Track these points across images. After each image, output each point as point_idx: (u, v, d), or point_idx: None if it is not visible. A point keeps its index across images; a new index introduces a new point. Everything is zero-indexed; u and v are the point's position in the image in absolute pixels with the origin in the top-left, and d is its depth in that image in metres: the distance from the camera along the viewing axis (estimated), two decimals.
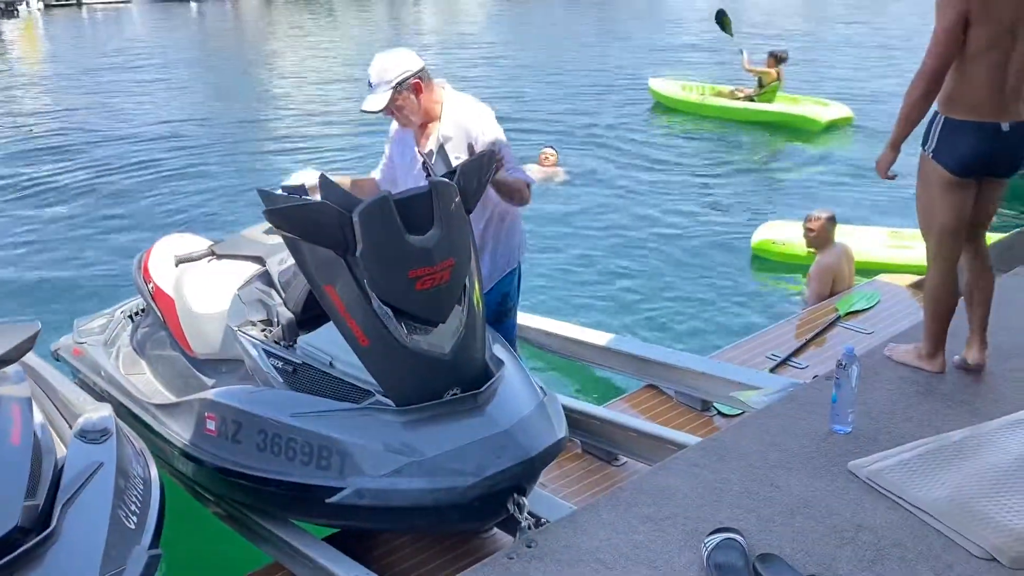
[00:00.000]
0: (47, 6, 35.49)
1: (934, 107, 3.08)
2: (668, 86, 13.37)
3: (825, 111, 11.67)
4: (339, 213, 2.42)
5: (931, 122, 3.11)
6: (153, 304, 3.65)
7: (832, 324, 4.76)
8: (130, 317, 4.16)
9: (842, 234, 5.78)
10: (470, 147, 3.19)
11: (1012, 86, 2.98)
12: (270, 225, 3.09)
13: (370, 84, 3.21)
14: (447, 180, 2.64)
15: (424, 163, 3.11)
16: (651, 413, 4.00)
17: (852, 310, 4.89)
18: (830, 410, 2.95)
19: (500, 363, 2.79)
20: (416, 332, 2.52)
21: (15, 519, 2.08)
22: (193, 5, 36.27)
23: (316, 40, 25.06)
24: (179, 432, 3.03)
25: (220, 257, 3.22)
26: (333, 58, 20.76)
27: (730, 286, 6.70)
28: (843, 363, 2.84)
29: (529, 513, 2.57)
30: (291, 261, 2.92)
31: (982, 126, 2.97)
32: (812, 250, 5.50)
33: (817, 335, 4.64)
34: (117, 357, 3.84)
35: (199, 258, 3.32)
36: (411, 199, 2.55)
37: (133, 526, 2.30)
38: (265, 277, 3.10)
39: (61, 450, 2.56)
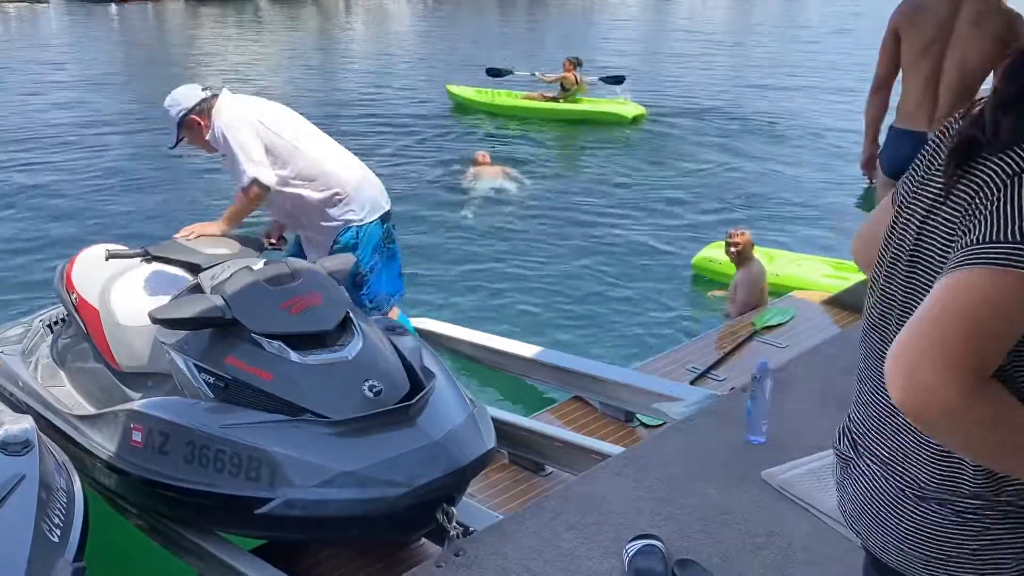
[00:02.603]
0: None
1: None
2: (468, 92, 14.16)
3: (626, 108, 13.12)
4: (206, 297, 2.87)
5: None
6: (76, 315, 3.59)
7: (749, 338, 4.95)
8: (49, 327, 4.07)
9: (788, 262, 6.05)
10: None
11: (944, 98, 3.24)
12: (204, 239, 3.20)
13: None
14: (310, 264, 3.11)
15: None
16: (577, 424, 4.09)
17: (767, 325, 5.09)
18: (746, 421, 3.08)
19: (431, 375, 2.84)
20: (312, 352, 2.73)
21: None
22: (112, 7, 35.34)
23: (241, 46, 24.71)
24: (103, 444, 2.99)
25: (154, 259, 3.21)
26: (257, 65, 20.51)
27: (666, 301, 6.88)
28: (757, 376, 2.99)
29: (457, 522, 2.62)
30: (224, 276, 2.94)
31: (913, 134, 3.24)
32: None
33: (734, 349, 4.82)
34: (36, 368, 3.75)
35: (132, 256, 3.29)
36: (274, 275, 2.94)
37: (57, 539, 2.28)
38: (197, 291, 3.09)
39: None
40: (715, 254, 7.06)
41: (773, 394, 3.04)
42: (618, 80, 13.66)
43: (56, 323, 4.05)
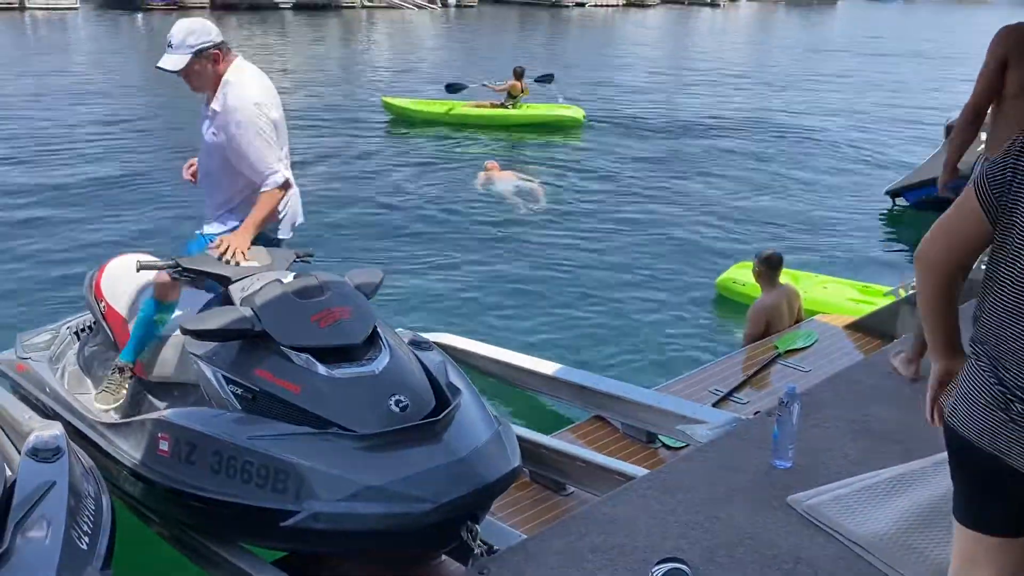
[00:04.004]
0: None
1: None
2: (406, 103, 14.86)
3: (573, 111, 14.47)
4: (236, 309, 2.89)
5: (976, 161, 3.53)
6: (104, 323, 3.62)
7: (772, 361, 4.93)
8: (76, 334, 4.10)
9: (813, 284, 6.03)
10: (225, 128, 3.41)
11: None
12: None
13: (171, 45, 3.42)
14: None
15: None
16: (598, 444, 4.08)
17: (791, 348, 5.07)
18: (772, 445, 3.07)
19: (457, 391, 2.85)
20: (339, 365, 2.73)
21: None
22: (139, 16, 35.75)
23: (264, 55, 24.92)
24: (129, 452, 3.01)
25: (185, 270, 3.22)
26: (284, 73, 20.70)
27: (689, 321, 6.85)
28: (785, 401, 2.97)
29: (481, 540, 2.62)
30: (254, 288, 2.96)
31: None
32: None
33: (757, 372, 4.80)
34: (63, 375, 3.79)
35: (163, 267, 3.30)
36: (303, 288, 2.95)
37: (85, 547, 2.30)
38: (227, 303, 3.11)
39: (10, 468, 2.53)
40: (739, 275, 7.03)
41: (799, 419, 3.02)
42: (548, 78, 14.76)
43: (83, 330, 4.08)
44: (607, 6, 52.73)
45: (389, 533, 2.53)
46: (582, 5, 51.36)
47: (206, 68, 3.45)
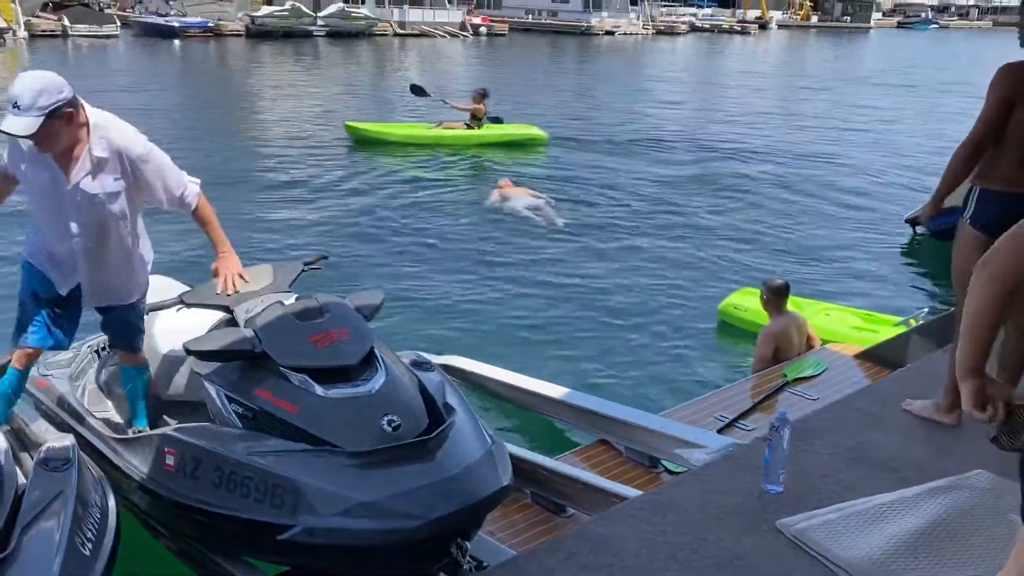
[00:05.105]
0: (32, 36, 35.60)
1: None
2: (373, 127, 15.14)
3: (534, 130, 15.16)
4: (238, 331, 2.99)
5: (968, 194, 3.51)
6: None
7: (780, 389, 4.94)
8: (96, 352, 4.25)
9: (816, 311, 6.03)
10: (130, 167, 3.25)
11: None
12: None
13: (17, 106, 3.01)
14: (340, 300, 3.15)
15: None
16: (601, 467, 4.12)
17: (800, 376, 5.08)
18: (763, 470, 3.10)
19: (452, 410, 2.92)
20: (336, 386, 2.81)
21: None
22: (176, 43, 36.62)
23: (296, 80, 25.43)
24: (138, 466, 3.11)
25: (189, 306, 3.35)
26: (311, 97, 21.13)
27: (691, 347, 6.88)
28: (776, 426, 3.01)
29: (471, 557, 2.68)
30: (256, 310, 3.07)
31: (1010, 195, 3.33)
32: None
33: (765, 399, 4.82)
34: (82, 392, 3.92)
35: (168, 307, 3.43)
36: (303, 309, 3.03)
37: (88, 553, 2.39)
38: (231, 324, 3.22)
39: (23, 477, 2.65)
40: (741, 301, 7.06)
41: (791, 444, 3.06)
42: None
43: (103, 349, 4.22)
44: (636, 34, 53.15)
45: (380, 548, 2.60)
46: (611, 33, 51.80)
47: (60, 129, 3.10)
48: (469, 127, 14.67)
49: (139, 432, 3.57)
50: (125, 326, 3.57)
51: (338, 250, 8.69)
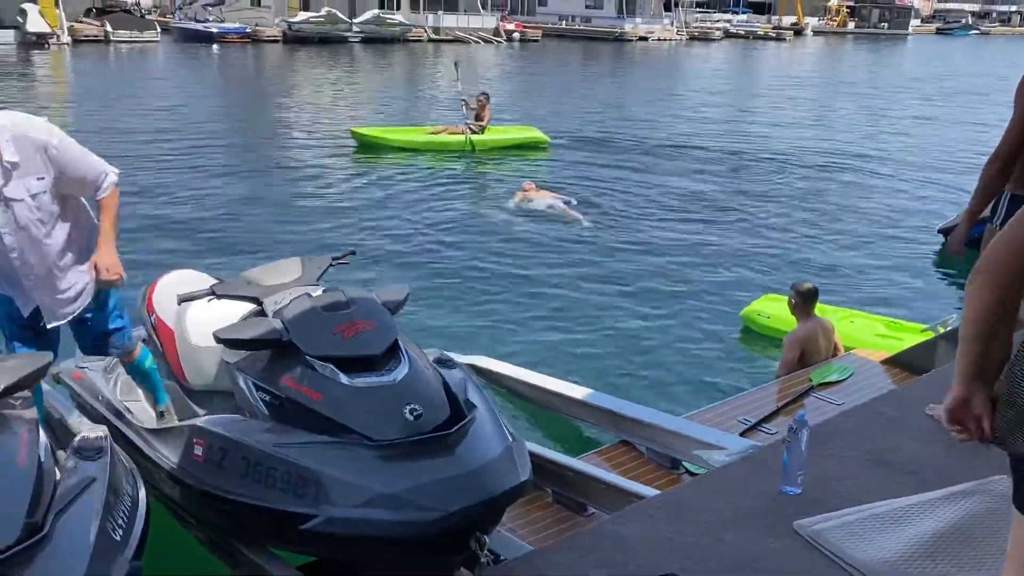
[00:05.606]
0: (75, 41, 36.36)
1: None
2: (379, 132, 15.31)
3: (534, 132, 15.59)
4: (266, 320, 3.07)
5: (998, 200, 3.52)
6: (154, 335, 3.85)
7: (805, 394, 4.93)
8: None
9: (839, 318, 6.04)
10: (50, 161, 3.15)
11: None
12: (269, 266, 3.38)
13: None
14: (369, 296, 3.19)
15: None
16: (622, 468, 4.15)
17: (825, 381, 5.07)
18: (782, 472, 3.11)
19: (473, 407, 2.97)
20: (360, 375, 2.86)
21: (14, 536, 2.24)
22: (215, 47, 37.21)
23: (332, 84, 25.73)
24: (168, 456, 3.20)
25: (220, 297, 3.43)
26: (345, 100, 21.38)
27: (715, 351, 6.87)
28: (794, 428, 3.02)
29: (489, 550, 2.72)
30: (285, 301, 3.15)
31: None
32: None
33: (789, 403, 4.81)
34: (115, 383, 4.03)
35: (200, 297, 3.52)
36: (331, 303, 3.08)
37: (119, 538, 2.46)
38: (260, 315, 3.30)
39: (57, 465, 2.74)
40: (765, 307, 7.04)
41: (809, 446, 3.07)
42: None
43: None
44: (670, 40, 53.00)
45: (400, 539, 2.65)
46: (645, 39, 51.70)
47: None
48: (473, 131, 14.79)
49: (164, 411, 3.71)
50: (100, 337, 3.64)
51: (365, 248, 8.82)
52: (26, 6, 34.56)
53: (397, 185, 12.41)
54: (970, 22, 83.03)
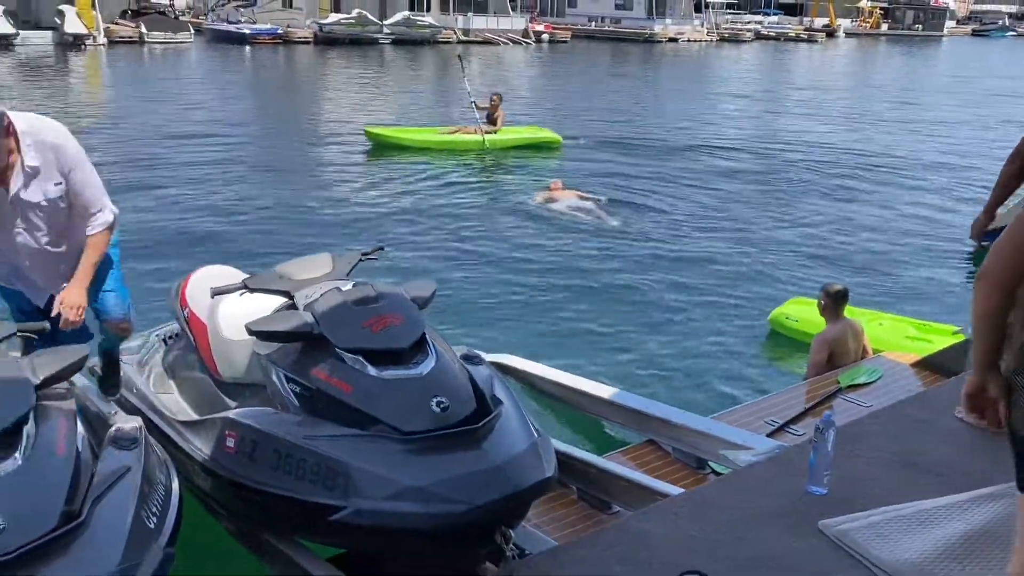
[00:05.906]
0: (111, 42, 36.92)
1: None
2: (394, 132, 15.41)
3: (546, 132, 15.63)
4: (297, 313, 3.12)
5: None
6: (187, 329, 3.92)
7: (833, 395, 4.91)
8: (164, 340, 4.44)
9: (868, 320, 6.00)
10: (65, 168, 3.22)
11: None
12: (301, 261, 3.53)
13: None
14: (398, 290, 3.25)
15: None
16: (648, 467, 4.16)
17: (853, 383, 5.04)
18: (808, 472, 3.11)
19: (499, 403, 3.01)
20: (388, 367, 2.92)
21: (53, 523, 2.31)
22: (247, 48, 37.61)
23: (362, 85, 25.91)
24: (200, 447, 3.26)
25: (252, 290, 3.50)
26: (380, 101, 21.54)
27: (743, 353, 6.85)
28: (821, 428, 3.02)
29: (515, 544, 2.75)
30: (315, 295, 3.20)
31: None
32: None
33: (817, 405, 4.79)
34: (149, 376, 4.11)
35: (233, 290, 3.59)
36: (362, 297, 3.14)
37: (153, 526, 2.53)
38: (291, 308, 3.36)
39: (94, 454, 2.81)
40: (793, 311, 6.99)
41: (835, 446, 3.06)
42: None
43: (171, 337, 4.41)
44: (700, 41, 52.73)
45: (426, 532, 2.69)
46: (675, 40, 51.47)
47: (3, 142, 3.08)
48: (486, 131, 14.84)
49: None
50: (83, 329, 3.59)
51: (392, 245, 8.90)
52: (64, 8, 35.14)
53: (416, 184, 12.52)
54: (1007, 23, 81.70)
